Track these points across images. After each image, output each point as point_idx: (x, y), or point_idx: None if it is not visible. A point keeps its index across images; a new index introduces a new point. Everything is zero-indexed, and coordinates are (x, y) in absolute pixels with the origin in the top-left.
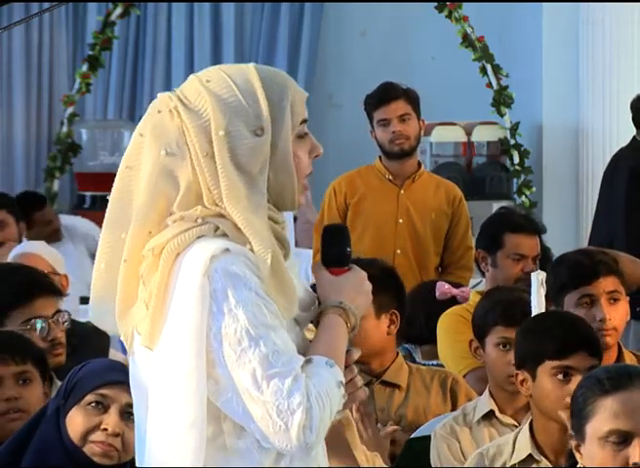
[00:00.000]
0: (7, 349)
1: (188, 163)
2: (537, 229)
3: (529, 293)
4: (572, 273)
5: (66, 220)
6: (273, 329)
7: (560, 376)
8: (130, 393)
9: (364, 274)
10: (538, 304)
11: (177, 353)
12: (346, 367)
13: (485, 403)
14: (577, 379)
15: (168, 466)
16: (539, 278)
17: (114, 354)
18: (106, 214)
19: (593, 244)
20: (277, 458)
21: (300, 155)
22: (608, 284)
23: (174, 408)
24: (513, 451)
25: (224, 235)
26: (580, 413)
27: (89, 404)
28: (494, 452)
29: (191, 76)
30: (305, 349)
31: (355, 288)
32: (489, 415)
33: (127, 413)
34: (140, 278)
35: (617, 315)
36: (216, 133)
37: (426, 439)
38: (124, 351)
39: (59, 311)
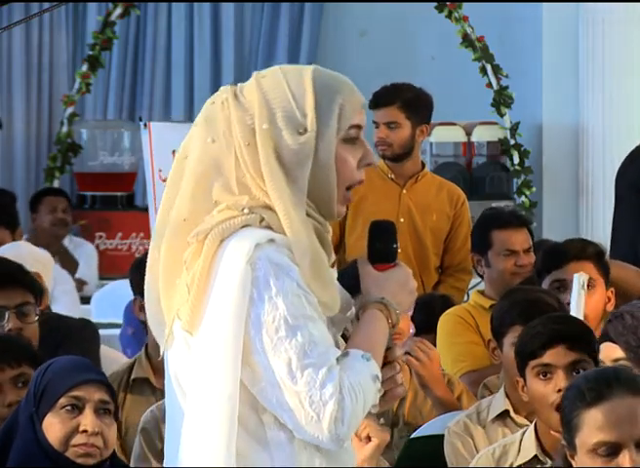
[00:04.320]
0: (0, 355)
1: (232, 152)
2: (523, 222)
3: (550, 295)
4: (545, 258)
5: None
6: (312, 320)
7: (541, 376)
8: (101, 389)
9: (409, 271)
10: (577, 306)
11: (215, 337)
12: (389, 363)
13: (500, 402)
14: (558, 376)
15: (202, 445)
16: (580, 280)
17: (108, 352)
18: (161, 202)
19: (616, 251)
20: (315, 450)
21: (346, 158)
22: (581, 269)
23: (210, 388)
24: (519, 452)
25: (269, 227)
26: (568, 426)
27: (63, 407)
28: (500, 453)
29: (255, 72)
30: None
31: (399, 284)
32: (503, 415)
33: (101, 409)
34: (184, 264)
35: (589, 301)
36: (259, 126)
37: (426, 439)
38: (124, 349)
39: (25, 304)
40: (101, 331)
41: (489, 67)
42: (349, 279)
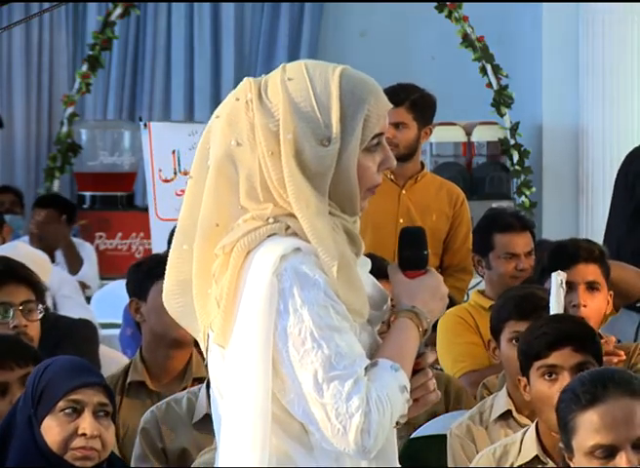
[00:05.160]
0: (9, 354)
1: (256, 158)
2: (525, 225)
3: (543, 291)
4: (552, 257)
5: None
6: (338, 331)
7: (547, 376)
8: (100, 391)
9: (440, 278)
10: (557, 305)
11: (245, 349)
12: (421, 370)
13: (502, 402)
14: (564, 377)
15: (237, 455)
16: (558, 279)
17: (108, 352)
18: (185, 197)
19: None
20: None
21: (367, 166)
22: (587, 272)
23: (243, 399)
24: (520, 452)
25: (295, 234)
26: (564, 428)
27: (61, 411)
28: (500, 453)
29: (282, 65)
30: (378, 348)
31: (430, 292)
32: (505, 415)
33: (100, 412)
34: (213, 276)
35: (593, 304)
36: (284, 136)
37: (426, 439)
38: (124, 350)
39: (30, 301)
40: (101, 332)
41: (489, 67)
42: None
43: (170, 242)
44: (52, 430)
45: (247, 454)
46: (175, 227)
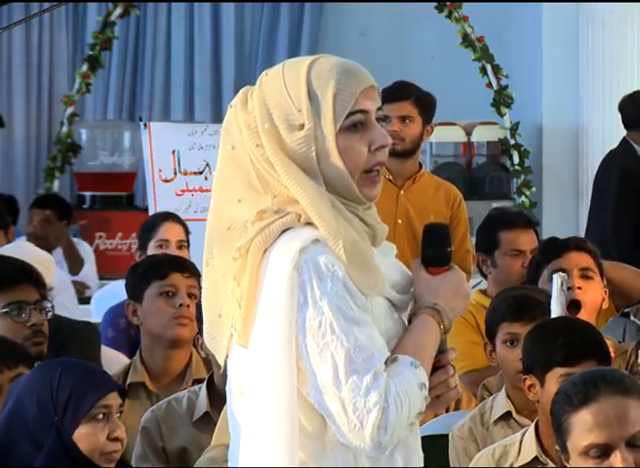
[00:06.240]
0: (0, 357)
1: (247, 154)
2: (530, 223)
3: (536, 291)
4: (544, 248)
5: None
6: (357, 323)
7: None
8: (117, 393)
9: (463, 275)
10: (558, 307)
11: (268, 345)
12: (442, 367)
13: (502, 403)
14: None
15: (264, 454)
16: (559, 281)
17: (108, 351)
18: (210, 210)
19: None
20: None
21: (350, 146)
22: (580, 259)
23: (267, 398)
24: (519, 453)
25: (308, 223)
26: (559, 430)
27: (94, 417)
28: (500, 453)
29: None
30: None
31: (452, 289)
32: (506, 416)
33: (118, 413)
34: (234, 280)
35: (588, 290)
36: (261, 126)
37: (427, 439)
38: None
39: (41, 300)
40: None
41: (489, 67)
42: None
43: (140, 237)
44: (89, 437)
45: (272, 454)
46: (145, 222)
